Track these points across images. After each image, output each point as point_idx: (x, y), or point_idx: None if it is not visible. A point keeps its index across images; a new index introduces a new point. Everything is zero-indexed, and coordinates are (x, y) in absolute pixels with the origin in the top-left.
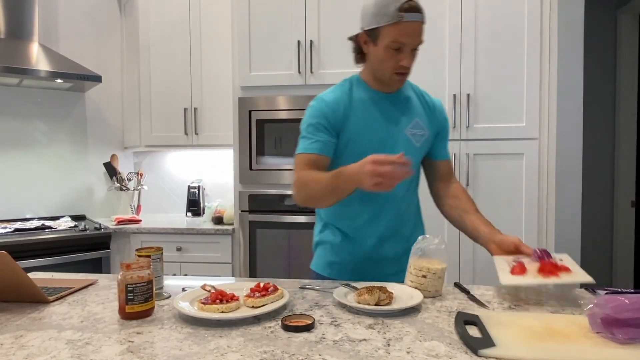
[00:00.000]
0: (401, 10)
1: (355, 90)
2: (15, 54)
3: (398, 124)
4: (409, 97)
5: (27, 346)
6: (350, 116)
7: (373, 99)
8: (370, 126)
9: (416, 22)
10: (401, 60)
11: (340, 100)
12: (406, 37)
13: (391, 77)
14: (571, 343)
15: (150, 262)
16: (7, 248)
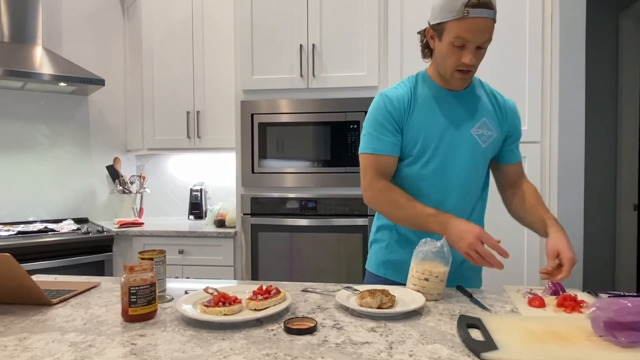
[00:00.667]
0: (468, 5)
1: (420, 86)
2: (19, 57)
3: (464, 123)
4: (478, 96)
5: (30, 348)
6: (413, 113)
7: (438, 96)
8: (433, 124)
9: (483, 19)
10: (463, 57)
11: (404, 96)
12: (471, 33)
13: (452, 75)
14: (574, 346)
15: (153, 264)
16: (10, 250)
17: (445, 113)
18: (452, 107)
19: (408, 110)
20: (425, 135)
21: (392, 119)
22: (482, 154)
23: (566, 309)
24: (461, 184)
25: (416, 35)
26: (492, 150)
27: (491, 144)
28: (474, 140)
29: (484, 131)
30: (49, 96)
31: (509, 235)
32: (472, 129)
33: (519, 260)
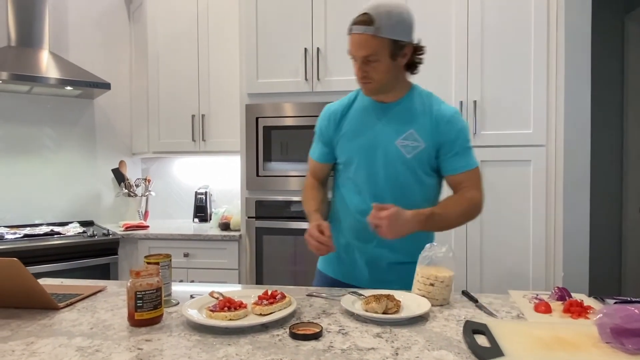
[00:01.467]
0: (352, 23)
1: (359, 99)
2: (26, 61)
3: (389, 134)
4: (409, 107)
5: (38, 353)
6: (344, 124)
7: (370, 108)
8: (360, 134)
9: (359, 35)
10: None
11: (338, 110)
12: (352, 47)
13: (359, 84)
14: (580, 353)
15: (159, 269)
16: (16, 253)
17: (373, 125)
18: (381, 120)
19: (339, 123)
20: (352, 147)
21: (322, 132)
22: (407, 165)
23: (572, 314)
24: (392, 195)
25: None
26: (419, 160)
27: (417, 154)
28: (397, 151)
29: (409, 142)
30: (56, 100)
31: (514, 241)
32: (397, 140)
33: (525, 265)
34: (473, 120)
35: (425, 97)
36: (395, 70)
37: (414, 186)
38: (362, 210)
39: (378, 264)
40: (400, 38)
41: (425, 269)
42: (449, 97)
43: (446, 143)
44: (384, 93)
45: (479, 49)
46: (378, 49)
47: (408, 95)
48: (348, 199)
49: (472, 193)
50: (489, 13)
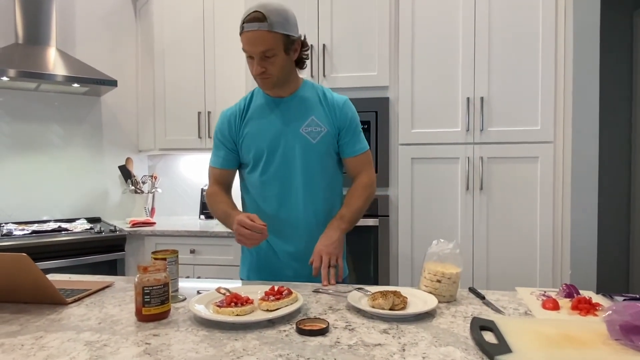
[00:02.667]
0: (243, 21)
1: (255, 99)
2: (33, 59)
3: (292, 123)
4: (305, 97)
5: (47, 347)
6: (245, 125)
7: (269, 104)
8: (266, 129)
9: (253, 32)
10: (254, 67)
11: (235, 113)
12: (247, 46)
13: (256, 81)
14: (589, 350)
15: (166, 265)
16: (24, 249)
17: (276, 118)
18: (282, 111)
19: (239, 124)
20: (259, 143)
21: (223, 135)
22: (315, 149)
23: (581, 311)
24: (304, 182)
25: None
26: (325, 144)
27: (322, 138)
28: (303, 137)
29: (312, 128)
30: (63, 97)
31: (520, 236)
32: (301, 128)
33: (532, 261)
34: (480, 117)
35: (317, 89)
36: (290, 65)
37: (321, 173)
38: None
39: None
40: (291, 33)
41: (432, 266)
42: (455, 93)
43: (344, 127)
44: (281, 87)
45: (486, 45)
46: (274, 44)
47: (302, 88)
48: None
49: (368, 176)
50: (496, 9)
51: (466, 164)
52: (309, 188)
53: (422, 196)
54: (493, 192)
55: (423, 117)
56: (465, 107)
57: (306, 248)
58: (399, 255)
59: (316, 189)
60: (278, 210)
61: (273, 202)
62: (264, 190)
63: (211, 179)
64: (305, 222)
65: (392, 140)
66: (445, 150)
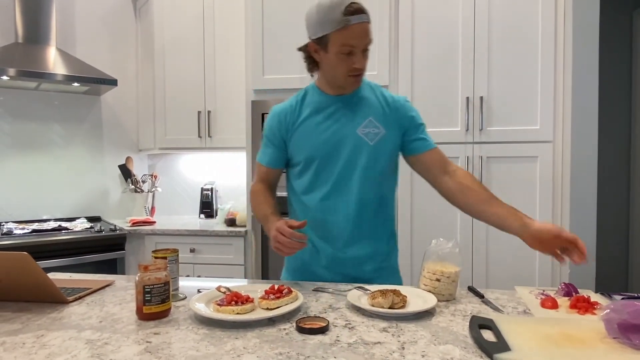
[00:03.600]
0: (346, 14)
1: (308, 97)
2: (33, 58)
3: (349, 124)
4: (364, 97)
5: (48, 345)
6: (299, 123)
7: (324, 103)
8: (319, 129)
9: (363, 24)
10: (354, 63)
11: (288, 110)
12: (355, 39)
13: (346, 80)
14: (587, 348)
15: (167, 263)
16: (24, 249)
17: (331, 118)
18: (338, 111)
19: (292, 123)
20: (312, 143)
21: (274, 134)
22: (372, 153)
23: (579, 310)
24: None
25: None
26: (382, 147)
27: (380, 141)
28: (360, 139)
29: (370, 129)
30: (63, 96)
31: None
32: (358, 129)
33: (531, 261)
34: (479, 117)
35: (375, 89)
36: None
37: (377, 175)
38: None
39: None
40: None
41: (431, 265)
42: (455, 93)
43: (411, 125)
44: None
45: (485, 44)
46: (371, 36)
47: (361, 86)
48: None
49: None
50: (495, 9)
51: (465, 163)
52: (362, 191)
53: (421, 195)
54: (492, 191)
55: (422, 116)
56: (464, 107)
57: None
58: (398, 254)
59: (370, 193)
60: (327, 213)
61: (323, 204)
62: (314, 192)
63: (257, 176)
64: (354, 226)
65: None
66: (445, 149)
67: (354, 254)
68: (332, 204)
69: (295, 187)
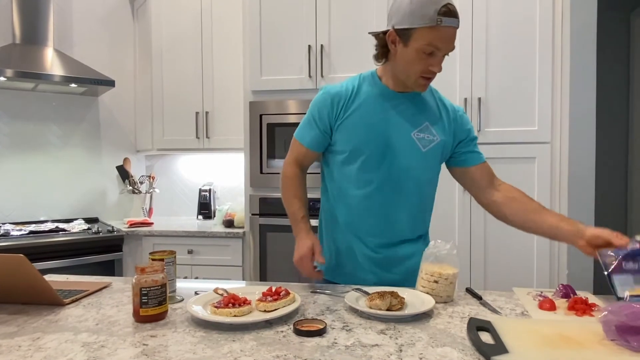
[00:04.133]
0: (440, 13)
1: (366, 84)
2: (31, 59)
3: (404, 124)
4: (424, 100)
5: (44, 348)
6: (352, 111)
7: (382, 96)
8: (372, 122)
9: (454, 28)
10: (432, 65)
11: (342, 95)
12: (442, 42)
13: (417, 81)
14: (585, 350)
15: (164, 265)
16: (21, 250)
17: (387, 114)
18: (395, 109)
19: (343, 108)
20: (362, 135)
21: (322, 117)
22: (422, 157)
23: (577, 312)
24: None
25: None
26: (433, 154)
27: (433, 148)
28: (412, 143)
29: (425, 135)
30: (60, 97)
31: (518, 238)
32: (413, 132)
33: (529, 262)
34: (477, 118)
35: (435, 93)
36: None
37: (427, 182)
38: (369, 207)
39: (382, 260)
40: None
41: (429, 266)
42: (453, 94)
43: (467, 137)
44: None
45: (483, 45)
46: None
47: None
48: (348, 194)
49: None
50: (493, 9)
51: None
52: (405, 196)
53: None
54: None
55: None
56: (462, 108)
57: (389, 253)
58: None
59: (413, 197)
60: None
61: (363, 202)
62: (354, 188)
63: (293, 154)
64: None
65: None
66: None
67: (389, 255)
68: (373, 204)
69: (335, 174)
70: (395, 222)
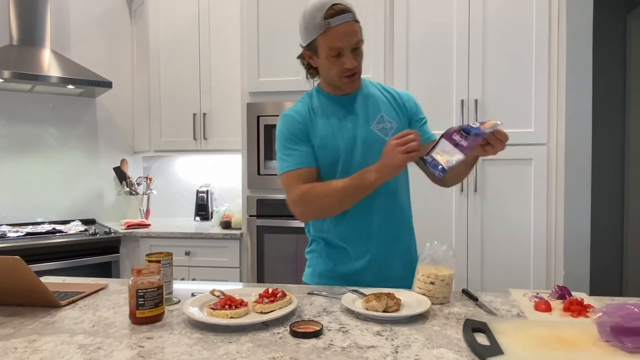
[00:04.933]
0: (327, 17)
1: (315, 100)
2: (28, 60)
3: (363, 122)
4: (370, 94)
5: (40, 350)
6: (315, 125)
7: (334, 104)
8: (337, 130)
9: (345, 24)
10: (344, 63)
11: (303, 110)
12: (340, 40)
13: (342, 81)
14: (580, 351)
15: (160, 267)
16: (18, 252)
17: (344, 119)
18: (349, 111)
19: (310, 122)
20: (334, 144)
21: (299, 132)
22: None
23: (573, 313)
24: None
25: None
26: None
27: (394, 134)
28: (376, 135)
29: (384, 125)
30: (57, 98)
31: (514, 239)
32: (372, 125)
33: (525, 263)
34: (474, 119)
35: (375, 84)
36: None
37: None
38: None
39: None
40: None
41: (425, 268)
42: (450, 95)
43: (414, 116)
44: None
45: (480, 47)
46: (360, 34)
47: (364, 83)
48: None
49: None
50: (490, 11)
51: None
52: (384, 186)
53: (416, 198)
54: (487, 193)
55: None
56: (459, 109)
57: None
58: None
59: (394, 187)
60: (356, 213)
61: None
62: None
63: (295, 184)
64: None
65: None
66: None
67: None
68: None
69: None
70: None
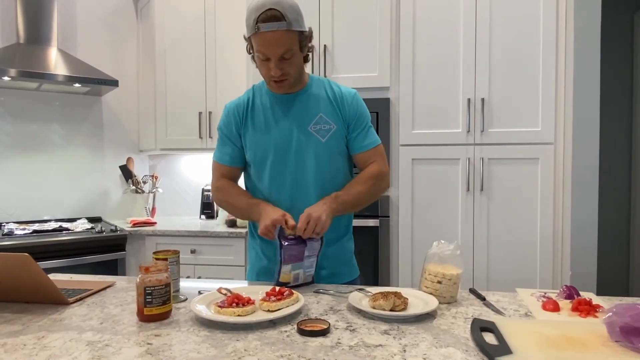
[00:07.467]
0: (259, 20)
1: (257, 95)
2: (35, 58)
3: (300, 121)
4: (312, 94)
5: (49, 347)
6: (251, 120)
7: (273, 101)
8: (272, 127)
9: (273, 32)
10: (270, 69)
11: (240, 106)
12: (264, 47)
13: (270, 84)
14: (589, 352)
15: (168, 265)
16: (25, 249)
17: (283, 117)
18: (288, 110)
19: (244, 119)
20: (266, 142)
21: (230, 131)
22: (325, 148)
23: (581, 313)
24: (315, 182)
25: (429, 35)
26: (336, 143)
27: (332, 137)
28: (311, 136)
29: (321, 126)
30: (64, 97)
31: (520, 237)
32: (309, 126)
33: (532, 263)
34: (480, 118)
35: (324, 83)
36: (302, 62)
37: (332, 172)
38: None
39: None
40: (304, 29)
41: (432, 267)
42: (456, 94)
43: (353, 121)
44: (294, 86)
45: (487, 46)
46: (293, 44)
47: (309, 83)
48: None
49: (377, 166)
50: (497, 10)
51: (467, 165)
52: (320, 188)
53: (422, 197)
54: (493, 193)
55: (424, 118)
56: (466, 108)
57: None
58: (399, 256)
59: (328, 190)
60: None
61: (283, 204)
62: (272, 192)
63: (216, 174)
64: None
65: (393, 141)
66: (446, 151)
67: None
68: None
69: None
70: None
